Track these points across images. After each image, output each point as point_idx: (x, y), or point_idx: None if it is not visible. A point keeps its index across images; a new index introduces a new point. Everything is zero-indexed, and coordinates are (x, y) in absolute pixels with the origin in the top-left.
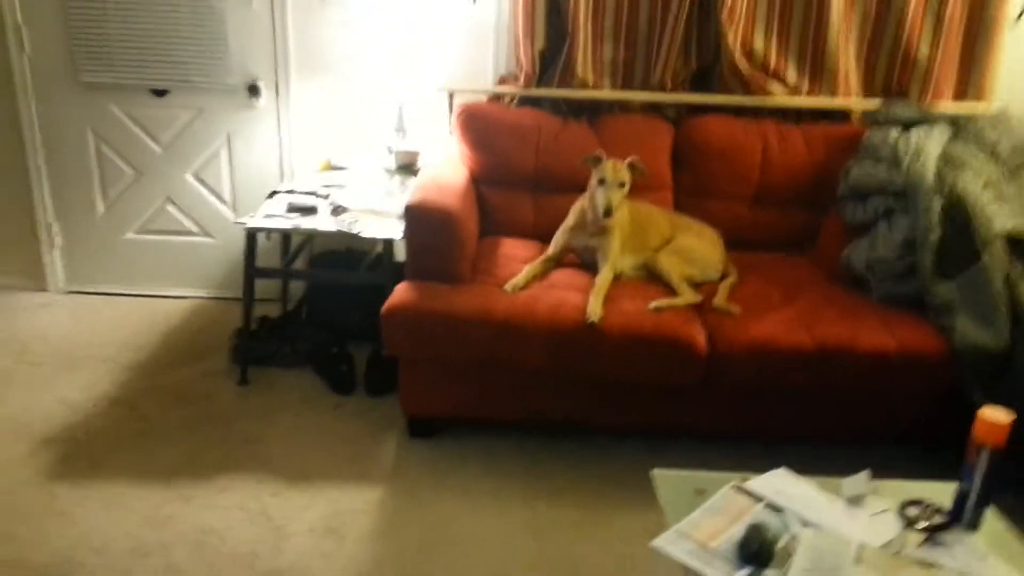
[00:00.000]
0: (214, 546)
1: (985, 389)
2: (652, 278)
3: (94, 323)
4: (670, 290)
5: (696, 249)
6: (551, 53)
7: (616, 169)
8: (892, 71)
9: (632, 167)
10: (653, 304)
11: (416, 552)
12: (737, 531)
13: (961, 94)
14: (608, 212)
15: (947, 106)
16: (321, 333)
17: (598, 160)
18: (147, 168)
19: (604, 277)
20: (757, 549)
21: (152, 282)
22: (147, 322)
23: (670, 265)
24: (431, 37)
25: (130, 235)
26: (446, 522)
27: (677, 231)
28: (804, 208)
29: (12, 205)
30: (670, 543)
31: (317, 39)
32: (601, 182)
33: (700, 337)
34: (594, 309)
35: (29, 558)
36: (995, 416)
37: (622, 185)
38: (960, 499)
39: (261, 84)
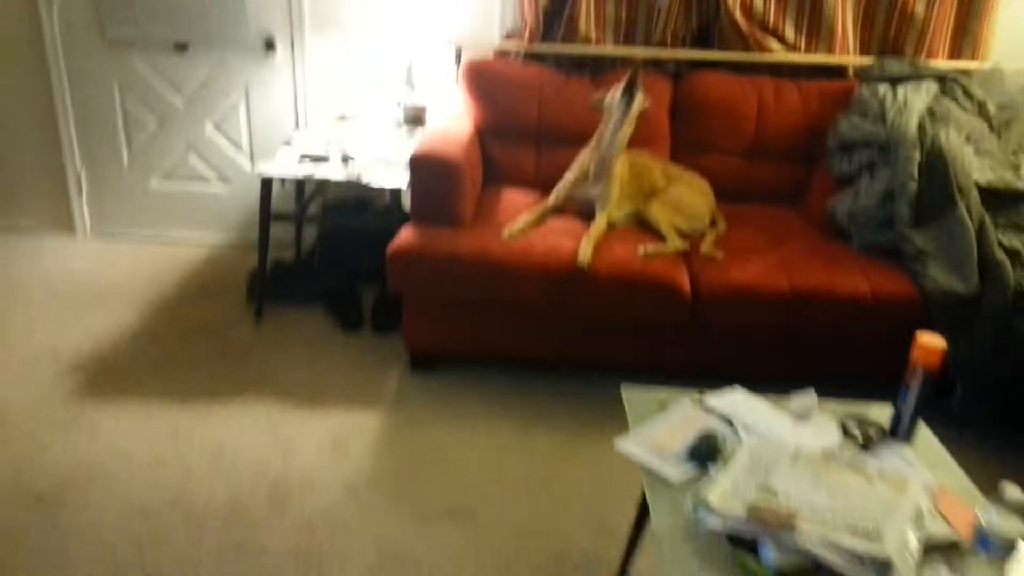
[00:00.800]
0: (229, 457)
1: (952, 333)
2: (644, 227)
3: (119, 265)
4: (660, 238)
5: (685, 199)
6: (555, 9)
7: (642, 100)
8: (888, 30)
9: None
10: (642, 249)
11: (413, 467)
12: (690, 437)
13: (956, 53)
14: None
15: (941, 64)
16: (332, 275)
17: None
18: (169, 119)
19: (598, 225)
20: (705, 450)
21: (173, 227)
22: (168, 264)
23: (660, 214)
24: None
25: (153, 183)
26: (442, 444)
27: (670, 182)
28: (798, 162)
29: (43, 154)
30: (630, 444)
31: None
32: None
33: (684, 280)
34: (585, 254)
35: (61, 464)
36: (931, 341)
37: (642, 108)
38: (897, 417)
39: (277, 39)
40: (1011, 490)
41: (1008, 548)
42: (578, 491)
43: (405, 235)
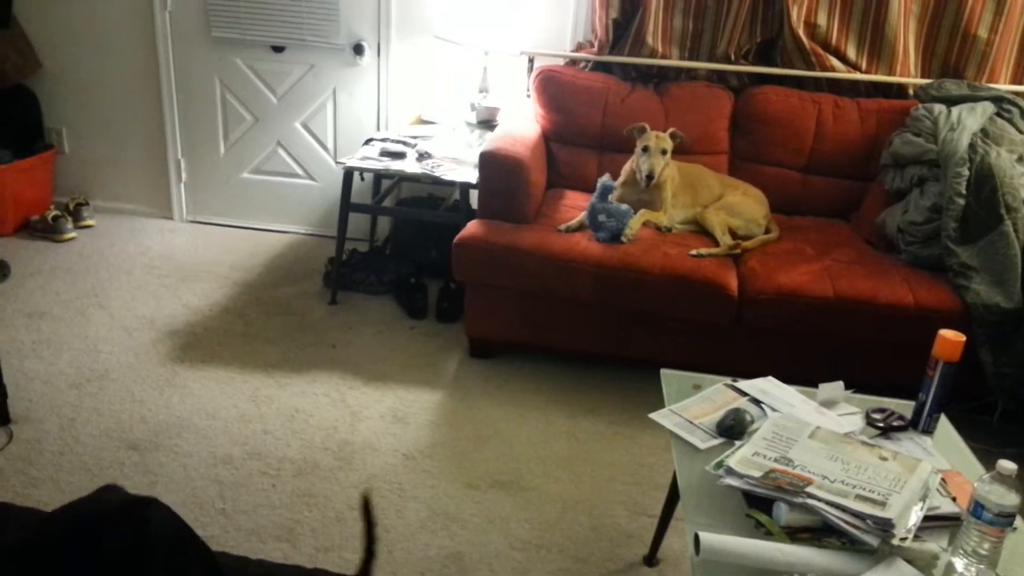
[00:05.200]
0: (302, 420)
1: (994, 347)
2: (701, 233)
3: (211, 247)
4: (715, 243)
5: (741, 204)
6: (624, 22)
7: (659, 138)
8: (950, 52)
9: (673, 136)
10: (694, 251)
11: (468, 442)
12: (720, 414)
13: (1018, 78)
14: (651, 176)
15: (1001, 88)
16: (402, 266)
17: (642, 130)
18: (263, 115)
19: (651, 212)
20: (732, 425)
21: (261, 217)
22: (255, 250)
23: (714, 218)
24: (517, 4)
25: (245, 174)
26: (495, 422)
27: (726, 189)
28: (853, 178)
29: (148, 144)
30: (662, 416)
31: (417, 4)
32: (645, 150)
33: (732, 281)
34: (632, 228)
35: (154, 417)
36: (952, 335)
37: (664, 152)
38: (918, 408)
39: (365, 44)
40: (1005, 464)
41: (1001, 516)
42: (617, 474)
43: (471, 227)
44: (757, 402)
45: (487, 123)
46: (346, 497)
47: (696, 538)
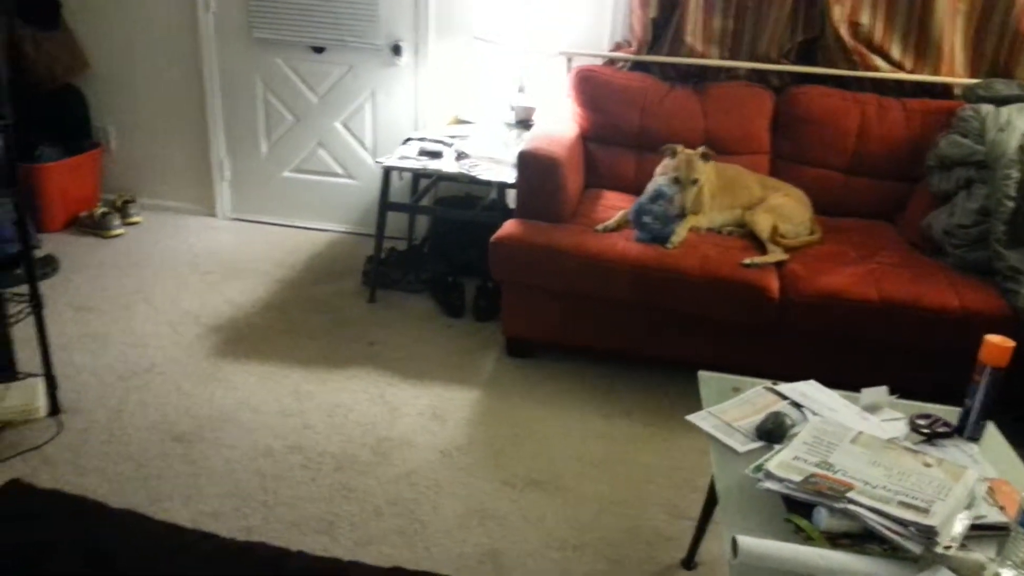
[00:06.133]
0: (342, 415)
1: None
2: (743, 235)
3: (253, 245)
4: (756, 246)
5: (787, 206)
6: (663, 21)
7: (689, 166)
8: (999, 52)
9: (704, 156)
10: (747, 260)
11: (504, 440)
12: (759, 417)
13: None
14: (683, 212)
15: None
16: (439, 264)
17: (674, 153)
18: (304, 115)
19: (693, 217)
20: (772, 429)
21: (302, 215)
22: (296, 247)
23: (764, 223)
24: (555, 4)
25: (286, 173)
26: (531, 421)
27: (768, 191)
28: (897, 179)
29: (193, 142)
30: (700, 419)
31: (455, 4)
32: (676, 180)
33: (774, 283)
34: (678, 235)
35: (200, 410)
36: (999, 340)
37: (695, 182)
38: (964, 414)
39: (404, 45)
40: None
41: None
42: (654, 476)
43: (508, 226)
44: (797, 406)
45: (524, 123)
46: (384, 492)
47: (734, 541)
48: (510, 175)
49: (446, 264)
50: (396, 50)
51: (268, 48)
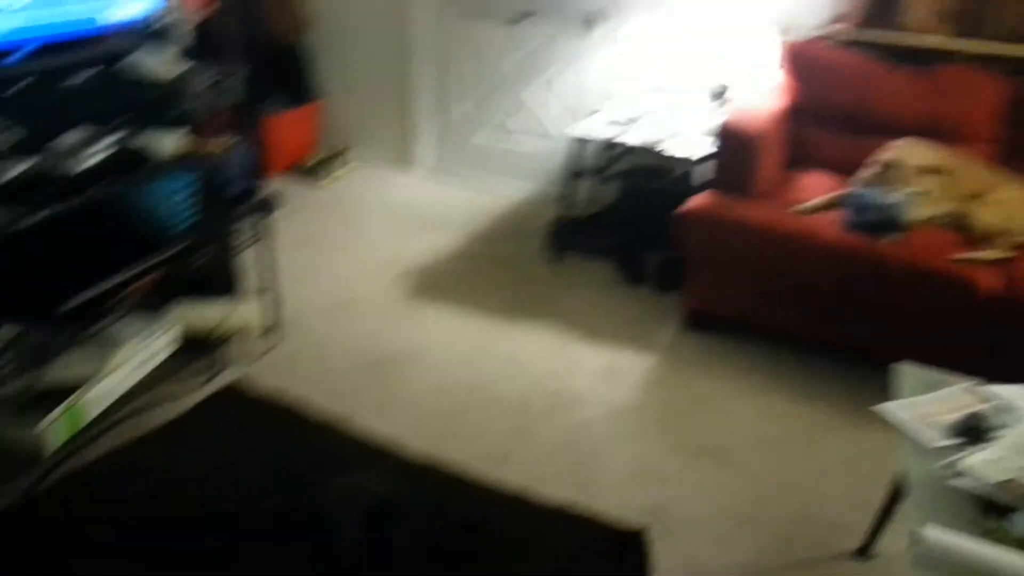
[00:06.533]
0: (520, 363)
1: None
2: (961, 227)
3: (446, 201)
4: (980, 240)
5: (1016, 201)
6: None
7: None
8: None
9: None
10: (964, 255)
11: (676, 406)
12: (957, 416)
13: None
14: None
15: None
16: (623, 232)
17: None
18: (500, 81)
19: (918, 210)
20: (970, 428)
21: (494, 175)
22: (487, 205)
23: (991, 218)
24: None
25: (481, 135)
26: (706, 393)
27: (994, 184)
28: None
29: (399, 102)
30: (891, 409)
31: None
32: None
33: (986, 280)
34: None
35: (392, 345)
36: None
37: (921, 193)
38: None
39: (601, 15)
40: None
41: None
42: (832, 464)
43: (699, 198)
44: (1005, 409)
45: (721, 96)
46: (557, 439)
47: (919, 534)
48: (698, 150)
49: (630, 232)
50: (591, 21)
51: (471, 14)
